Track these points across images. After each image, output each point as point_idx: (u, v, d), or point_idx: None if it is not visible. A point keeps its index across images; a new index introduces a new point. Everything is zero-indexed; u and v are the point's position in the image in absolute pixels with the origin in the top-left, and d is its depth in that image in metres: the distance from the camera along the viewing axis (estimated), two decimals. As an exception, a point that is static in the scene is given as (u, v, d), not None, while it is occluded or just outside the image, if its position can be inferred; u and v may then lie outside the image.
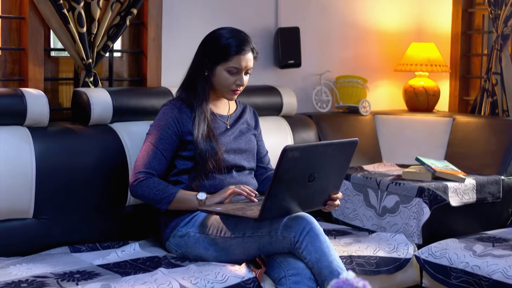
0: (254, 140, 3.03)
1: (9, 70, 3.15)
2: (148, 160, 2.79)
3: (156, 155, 2.79)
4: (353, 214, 3.51)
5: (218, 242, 2.69)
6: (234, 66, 2.83)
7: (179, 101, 2.89)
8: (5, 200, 2.75)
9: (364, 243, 3.11)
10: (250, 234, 2.64)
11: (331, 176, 2.66)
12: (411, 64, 4.12)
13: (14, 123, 2.84)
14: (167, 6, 3.46)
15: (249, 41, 2.87)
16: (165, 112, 2.85)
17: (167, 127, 2.82)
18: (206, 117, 2.83)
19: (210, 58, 2.85)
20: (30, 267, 2.61)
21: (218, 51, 2.83)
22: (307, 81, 3.99)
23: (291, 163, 2.45)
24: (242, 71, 2.85)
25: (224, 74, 2.84)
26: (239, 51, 2.82)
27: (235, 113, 3.01)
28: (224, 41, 2.84)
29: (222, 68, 2.83)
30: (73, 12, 3.07)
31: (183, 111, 2.85)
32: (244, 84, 2.88)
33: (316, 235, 2.59)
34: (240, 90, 2.89)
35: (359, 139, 3.77)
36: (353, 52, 4.17)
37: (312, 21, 3.99)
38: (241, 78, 2.85)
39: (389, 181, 3.36)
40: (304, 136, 3.62)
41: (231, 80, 2.84)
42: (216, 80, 2.86)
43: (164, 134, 2.81)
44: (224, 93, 2.89)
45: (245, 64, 2.84)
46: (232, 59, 2.82)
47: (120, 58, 3.45)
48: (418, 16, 4.38)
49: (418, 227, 3.20)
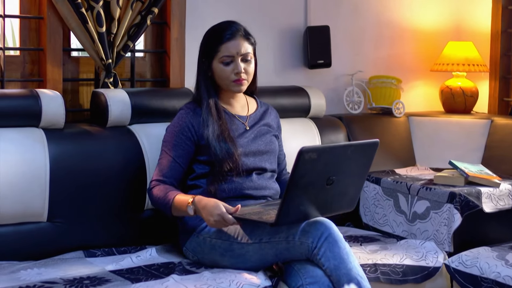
0: (276, 141, 2.93)
1: (28, 71, 3.10)
2: (161, 168, 2.74)
3: (170, 162, 2.73)
4: (383, 220, 3.38)
5: (234, 248, 2.60)
6: (225, 55, 2.76)
7: (194, 104, 2.82)
8: (18, 203, 2.70)
9: (391, 251, 2.98)
10: (267, 240, 2.54)
11: (351, 180, 2.54)
12: (447, 64, 3.96)
13: (29, 124, 2.80)
14: (190, 5, 3.38)
15: (237, 28, 2.79)
16: (179, 117, 2.79)
17: (181, 133, 2.75)
18: (213, 115, 2.75)
19: (205, 56, 2.81)
20: (41, 271, 2.56)
21: (209, 46, 2.80)
22: (338, 81, 3.87)
23: (308, 165, 2.34)
24: (237, 58, 2.76)
25: (220, 67, 2.77)
26: (227, 38, 2.76)
27: (255, 114, 2.92)
28: (213, 34, 2.81)
29: (216, 61, 2.77)
30: (92, 11, 3.01)
31: (198, 114, 2.77)
32: (242, 70, 2.77)
33: (335, 241, 2.47)
34: (244, 79, 2.79)
35: (391, 141, 3.72)
36: (387, 52, 4.03)
37: (344, 20, 3.87)
38: (237, 65, 2.76)
39: (419, 186, 3.22)
40: (333, 138, 3.50)
41: (228, 71, 2.77)
42: (216, 77, 2.80)
43: (178, 141, 2.75)
44: (229, 87, 2.80)
45: (236, 50, 2.76)
46: (221, 48, 2.76)
47: (143, 59, 3.38)
48: (455, 14, 4.21)
49: (449, 234, 3.05)
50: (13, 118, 2.76)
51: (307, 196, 2.43)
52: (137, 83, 3.33)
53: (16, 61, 3.08)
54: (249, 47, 2.80)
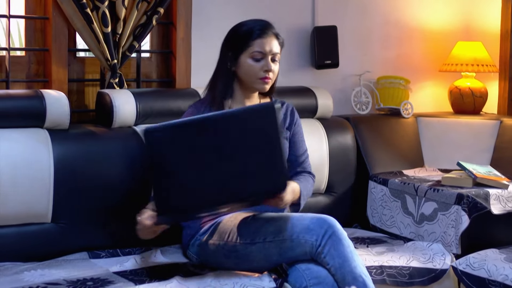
0: (285, 143, 2.86)
1: (34, 71, 3.09)
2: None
3: None
4: (391, 221, 3.35)
5: (238, 249, 2.58)
6: (257, 51, 2.70)
7: (204, 102, 2.79)
8: (22, 203, 2.69)
9: (397, 253, 2.95)
10: (271, 239, 2.52)
11: (255, 154, 2.28)
12: (456, 64, 3.92)
13: (33, 125, 2.79)
14: (196, 5, 3.36)
15: (271, 26, 2.76)
16: (186, 115, 2.76)
17: None
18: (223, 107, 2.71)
19: (233, 49, 2.73)
20: (44, 273, 2.55)
21: (240, 39, 2.73)
22: (345, 82, 3.84)
23: (161, 145, 2.26)
24: (268, 56, 2.71)
25: (249, 62, 2.71)
26: (261, 34, 2.71)
27: None
28: (245, 28, 2.74)
29: (246, 55, 2.71)
30: (97, 11, 3.00)
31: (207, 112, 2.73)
32: (272, 69, 2.72)
33: (339, 239, 2.46)
34: (270, 78, 2.74)
35: (399, 142, 3.69)
36: (396, 52, 4.00)
37: (351, 20, 3.84)
38: (267, 63, 2.71)
39: (427, 187, 3.19)
40: (340, 139, 3.47)
41: (257, 67, 2.71)
42: (242, 71, 2.74)
43: None
44: (253, 84, 2.75)
45: (269, 47, 2.71)
46: (254, 43, 2.70)
47: (149, 59, 3.37)
48: (464, 14, 4.18)
49: (457, 236, 3.02)
50: (17, 118, 2.75)
51: (184, 177, 2.28)
52: (143, 84, 3.31)
53: (22, 61, 3.07)
54: (279, 48, 2.76)
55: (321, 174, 3.34)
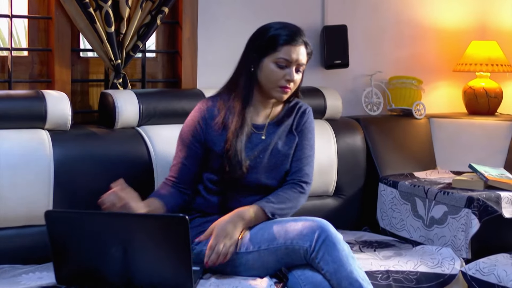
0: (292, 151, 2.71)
1: (37, 72, 3.06)
2: (172, 167, 2.68)
3: (178, 164, 2.66)
4: (400, 225, 3.28)
5: (234, 258, 2.50)
6: (283, 58, 2.56)
7: (220, 102, 2.65)
8: (22, 205, 2.66)
9: (405, 257, 2.88)
10: (265, 247, 2.47)
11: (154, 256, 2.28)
12: (471, 64, 3.84)
13: (34, 126, 2.75)
14: (203, 4, 3.31)
15: (301, 33, 2.62)
16: (194, 113, 2.68)
17: (191, 133, 2.65)
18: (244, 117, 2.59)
19: (257, 51, 2.60)
20: (42, 275, 2.51)
21: (266, 42, 2.59)
22: (356, 82, 3.77)
23: (60, 227, 2.27)
24: (293, 65, 2.58)
25: (272, 67, 2.58)
26: (290, 41, 2.57)
27: (277, 118, 2.72)
28: (273, 31, 2.60)
29: (270, 60, 2.58)
30: (100, 11, 2.96)
31: (216, 112, 2.63)
32: (294, 79, 2.59)
33: (333, 243, 2.37)
34: (290, 88, 2.61)
35: (411, 143, 3.61)
36: (408, 52, 3.93)
37: (362, 19, 3.77)
38: (291, 72, 2.57)
39: (437, 190, 3.11)
40: (349, 141, 3.41)
41: (279, 74, 2.58)
42: (263, 75, 2.60)
43: (187, 141, 2.65)
44: (271, 91, 2.61)
45: (296, 56, 2.58)
46: (281, 49, 2.57)
47: (155, 59, 3.33)
48: (479, 13, 4.09)
49: (466, 240, 2.95)
50: (17, 119, 2.72)
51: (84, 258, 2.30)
52: (148, 84, 3.27)
53: (25, 61, 3.05)
54: (306, 59, 2.63)
55: (329, 176, 3.28)
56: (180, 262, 2.28)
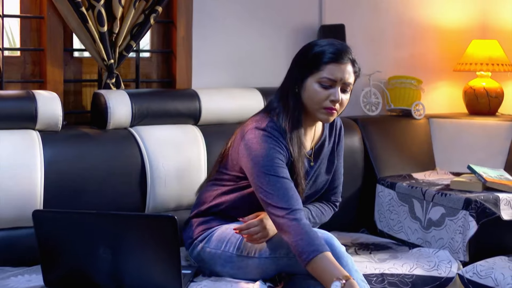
0: (331, 175, 2.67)
1: (29, 72, 3.03)
2: (289, 194, 2.38)
3: (290, 184, 2.41)
4: (398, 227, 3.23)
5: (234, 260, 2.48)
6: (327, 77, 2.41)
7: (275, 125, 2.46)
8: (11, 207, 2.63)
9: (401, 260, 2.84)
10: (267, 256, 2.42)
11: (140, 257, 2.23)
12: (471, 64, 3.79)
13: (24, 127, 2.72)
14: (198, 3, 3.27)
15: (347, 51, 2.46)
16: (267, 141, 2.43)
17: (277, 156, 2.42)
18: (301, 142, 2.48)
19: (301, 69, 2.46)
20: (31, 278, 2.47)
21: (310, 60, 2.45)
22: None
23: (49, 227, 2.25)
24: (338, 84, 2.42)
25: (315, 87, 2.43)
26: (334, 59, 2.42)
27: (320, 142, 2.61)
28: (317, 49, 2.45)
29: (313, 79, 2.43)
30: (92, 10, 2.93)
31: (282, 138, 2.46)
32: (339, 100, 2.43)
33: (337, 257, 2.30)
34: (336, 110, 2.45)
35: (410, 144, 3.56)
36: (408, 51, 3.88)
37: (361, 18, 3.73)
38: (336, 92, 2.41)
39: (435, 191, 3.06)
40: (347, 141, 3.33)
41: (323, 95, 2.42)
42: (306, 95, 2.45)
43: (279, 163, 2.42)
44: (316, 112, 2.46)
45: (341, 75, 2.42)
46: (324, 68, 2.42)
47: (149, 59, 3.29)
48: (479, 11, 4.04)
49: (464, 243, 2.90)
50: (8, 120, 2.69)
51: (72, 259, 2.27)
52: (142, 84, 3.24)
53: (17, 61, 3.01)
54: (353, 78, 2.47)
55: (326, 177, 3.24)
56: (169, 264, 2.25)
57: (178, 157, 2.91)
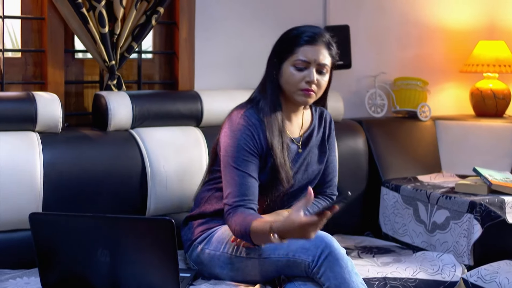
0: (324, 165, 2.69)
1: (30, 73, 3.01)
2: (237, 187, 2.44)
3: (245, 178, 2.44)
4: (403, 230, 3.20)
5: (233, 261, 2.46)
6: (300, 59, 2.46)
7: (252, 110, 2.53)
8: (11, 209, 2.61)
9: (404, 263, 2.80)
10: (266, 256, 2.40)
11: (138, 261, 2.21)
12: (478, 65, 3.75)
13: (24, 128, 2.70)
14: (200, 4, 3.24)
15: (322, 34, 2.51)
16: (240, 128, 2.49)
17: (246, 145, 2.47)
18: (278, 131, 2.50)
19: (278, 55, 2.52)
20: (29, 281, 2.46)
21: (285, 45, 2.50)
22: (360, 83, 3.70)
23: (45, 230, 2.22)
24: (312, 66, 2.46)
25: (291, 70, 2.48)
26: (308, 42, 2.47)
27: (308, 131, 2.64)
28: (292, 33, 2.51)
29: (289, 63, 2.48)
30: (93, 11, 2.91)
31: (259, 123, 2.50)
32: (314, 80, 2.46)
33: (336, 259, 2.29)
34: (313, 91, 2.48)
35: (415, 146, 3.52)
36: (413, 52, 3.84)
37: (366, 19, 3.69)
38: (310, 73, 2.46)
39: (439, 194, 3.02)
40: (351, 143, 3.33)
41: (298, 77, 2.46)
42: (283, 80, 2.50)
43: (246, 155, 2.46)
44: (294, 95, 2.50)
45: (314, 56, 2.46)
46: (298, 51, 2.46)
47: (152, 60, 3.27)
48: (486, 12, 4.00)
49: (468, 246, 2.86)
50: (7, 121, 2.67)
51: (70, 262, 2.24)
52: (144, 86, 3.21)
53: (18, 63, 2.99)
54: (328, 59, 2.51)
55: (330, 180, 3.20)
56: (166, 267, 2.22)
57: (179, 159, 2.88)
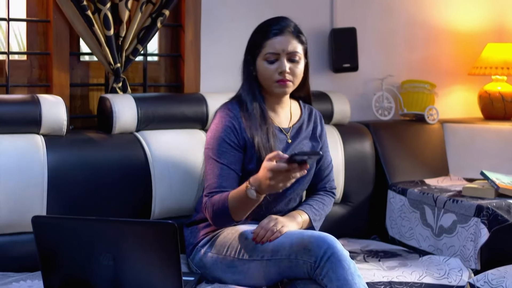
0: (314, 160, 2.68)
1: (36, 76, 3.01)
2: (214, 178, 2.49)
3: (223, 170, 2.48)
4: (410, 233, 3.17)
5: (236, 264, 2.45)
6: (269, 52, 2.52)
7: (234, 104, 2.59)
8: (15, 212, 2.60)
9: (410, 267, 2.78)
10: (269, 257, 2.38)
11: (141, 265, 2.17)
12: (486, 67, 3.72)
13: (29, 131, 2.69)
14: (206, 7, 3.23)
15: (287, 23, 2.57)
16: (220, 121, 2.55)
17: (226, 138, 2.52)
18: (258, 120, 2.53)
19: (250, 54, 2.58)
20: (33, 284, 2.46)
21: (254, 42, 2.58)
22: (367, 86, 3.67)
23: (48, 233, 2.19)
24: (282, 56, 2.52)
25: (264, 65, 2.54)
26: (273, 34, 2.53)
27: (298, 123, 2.67)
28: (258, 29, 2.60)
29: (261, 58, 2.54)
30: (99, 14, 2.90)
31: (239, 116, 2.55)
32: (287, 70, 2.51)
33: (339, 260, 2.27)
34: (289, 80, 2.53)
35: (423, 149, 3.50)
36: (421, 55, 3.82)
37: (373, 21, 3.67)
38: (282, 64, 2.51)
39: (446, 198, 3.00)
40: (357, 147, 3.31)
41: (271, 70, 2.53)
42: (260, 76, 2.57)
43: (226, 147, 2.51)
44: (272, 88, 2.56)
45: (282, 46, 2.52)
46: (266, 45, 2.53)
47: (157, 63, 3.26)
48: (495, 14, 3.97)
49: (475, 251, 2.84)
50: (12, 124, 2.66)
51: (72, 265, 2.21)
52: (150, 88, 3.21)
53: (23, 65, 2.99)
54: (299, 46, 2.56)
55: (336, 183, 3.16)
56: (169, 270, 2.20)
57: (184, 162, 2.87)
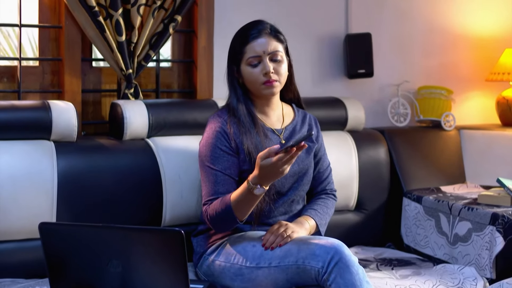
0: (311, 158, 2.68)
1: (48, 82, 3.01)
2: (210, 185, 2.50)
3: (218, 176, 2.49)
4: (425, 241, 3.13)
5: (244, 272, 2.42)
6: (251, 56, 2.52)
7: (225, 112, 2.60)
8: (24, 218, 2.59)
9: (423, 276, 2.73)
10: (276, 264, 2.36)
11: (149, 272, 2.15)
12: (504, 73, 3.66)
13: (39, 137, 2.68)
14: (219, 12, 3.22)
15: (263, 26, 2.58)
16: (211, 128, 2.56)
17: (218, 145, 2.52)
18: (246, 125, 2.52)
19: (233, 62, 2.59)
20: (42, 291, 2.45)
21: (235, 49, 2.58)
22: (382, 92, 3.63)
23: (53, 240, 2.16)
24: (264, 57, 2.52)
25: (248, 70, 2.54)
26: (251, 38, 2.54)
27: (291, 125, 2.66)
28: (237, 37, 2.61)
29: (244, 64, 2.54)
30: (110, 20, 2.90)
31: (231, 122, 2.55)
32: (271, 70, 2.51)
33: (346, 266, 2.25)
34: (275, 80, 2.53)
35: (439, 156, 3.45)
36: (438, 60, 3.77)
37: (389, 26, 3.63)
38: (265, 65, 2.51)
39: (461, 206, 2.95)
40: (372, 153, 3.27)
41: (256, 73, 2.52)
42: (246, 82, 2.57)
43: (219, 153, 2.51)
44: (259, 91, 2.55)
45: (262, 48, 2.52)
46: (246, 50, 2.53)
47: (170, 69, 3.25)
48: (513, 19, 3.92)
49: (491, 259, 2.78)
50: (22, 130, 2.66)
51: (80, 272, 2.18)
52: (162, 94, 3.19)
53: (36, 71, 3.00)
54: (279, 45, 2.56)
55: (350, 190, 3.15)
56: (176, 278, 2.18)
57: (195, 168, 2.84)
